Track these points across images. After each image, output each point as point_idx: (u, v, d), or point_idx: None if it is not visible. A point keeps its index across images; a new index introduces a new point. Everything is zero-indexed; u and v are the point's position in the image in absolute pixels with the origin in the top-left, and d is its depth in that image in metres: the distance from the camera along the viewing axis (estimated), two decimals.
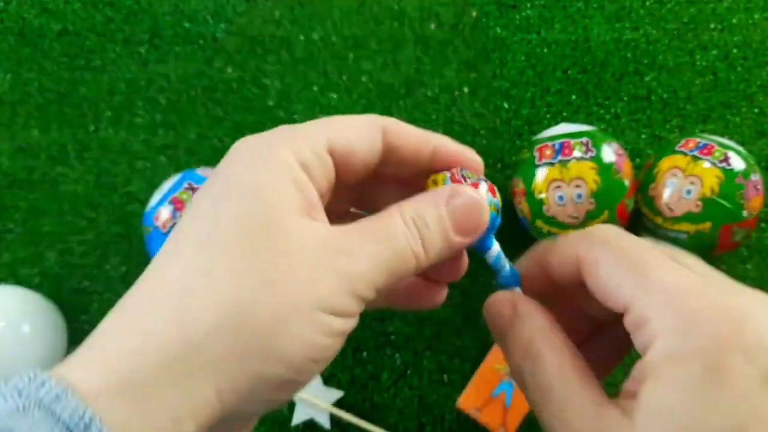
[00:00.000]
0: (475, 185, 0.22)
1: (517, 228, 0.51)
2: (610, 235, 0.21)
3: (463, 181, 0.22)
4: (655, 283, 0.18)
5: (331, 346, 0.19)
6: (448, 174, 0.22)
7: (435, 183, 0.22)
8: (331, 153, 0.21)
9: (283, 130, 0.21)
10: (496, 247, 0.23)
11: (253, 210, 0.18)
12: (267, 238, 0.18)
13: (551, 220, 0.47)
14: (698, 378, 0.16)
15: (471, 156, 0.24)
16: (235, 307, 0.17)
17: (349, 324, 0.19)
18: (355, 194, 0.25)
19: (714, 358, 0.16)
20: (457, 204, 0.21)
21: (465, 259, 0.24)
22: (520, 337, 0.21)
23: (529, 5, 0.60)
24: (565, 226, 0.47)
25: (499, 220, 0.23)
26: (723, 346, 0.16)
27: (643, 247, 0.20)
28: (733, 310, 0.17)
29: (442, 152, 0.23)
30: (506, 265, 0.23)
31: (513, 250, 0.25)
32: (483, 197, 0.21)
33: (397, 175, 0.24)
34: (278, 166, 0.19)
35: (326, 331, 0.18)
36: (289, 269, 0.18)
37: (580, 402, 0.19)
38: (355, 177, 0.22)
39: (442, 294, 0.25)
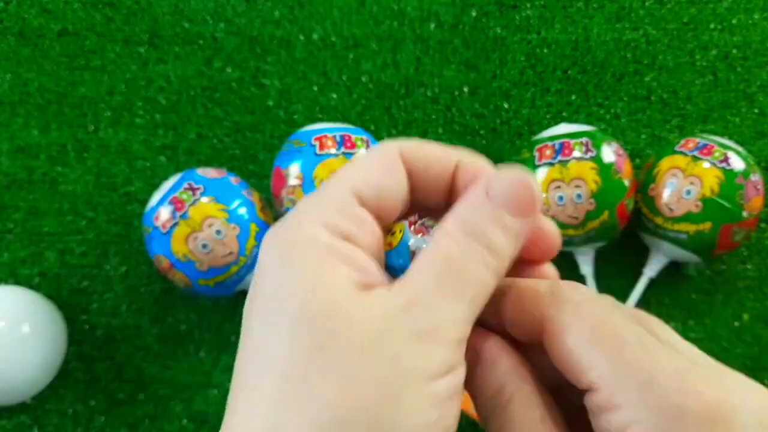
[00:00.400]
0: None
1: None
2: (583, 299, 0.18)
3: (425, 231, 0.20)
4: (631, 367, 0.16)
5: (451, 410, 0.17)
6: (405, 223, 0.20)
7: (392, 234, 0.20)
8: (363, 204, 0.19)
9: (306, 204, 0.19)
10: None
11: (302, 310, 0.17)
12: (327, 337, 0.16)
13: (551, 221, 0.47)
14: None
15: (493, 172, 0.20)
16: (325, 429, 0.15)
17: (458, 377, 0.17)
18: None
19: None
20: (500, 187, 0.18)
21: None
22: (487, 386, 0.19)
23: (529, 5, 0.60)
24: (565, 227, 0.47)
25: None
26: None
27: (620, 319, 0.18)
28: (717, 408, 0.16)
29: (466, 170, 0.20)
30: None
31: None
32: (524, 173, 0.19)
33: (430, 202, 0.21)
34: (312, 248, 0.17)
35: (436, 400, 0.16)
36: (363, 358, 0.16)
37: None
38: (391, 217, 0.20)
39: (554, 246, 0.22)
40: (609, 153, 0.47)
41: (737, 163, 0.46)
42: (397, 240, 0.20)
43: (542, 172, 0.47)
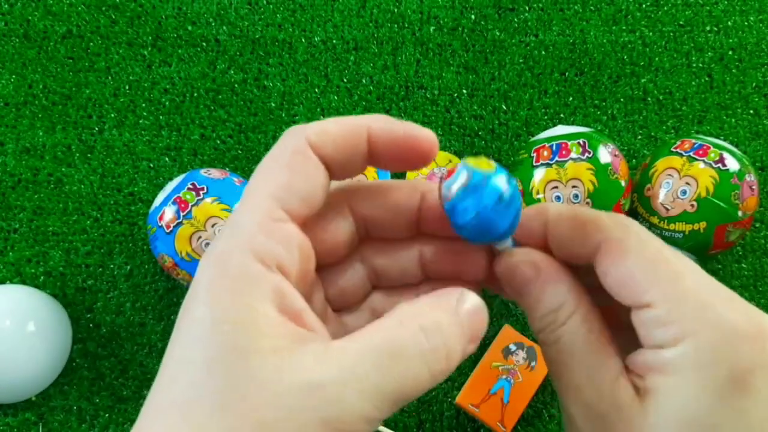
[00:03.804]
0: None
1: None
2: (641, 228, 0.20)
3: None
4: (689, 288, 0.18)
5: None
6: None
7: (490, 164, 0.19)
8: (291, 214, 0.18)
9: (235, 225, 0.18)
10: (509, 240, 0.21)
11: (219, 358, 0.16)
12: (233, 393, 0.16)
13: None
14: (723, 387, 0.17)
15: (420, 135, 0.20)
16: None
17: None
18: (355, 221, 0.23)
19: (742, 372, 0.17)
20: (468, 309, 0.19)
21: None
22: (548, 302, 0.20)
23: (527, 8, 0.60)
24: None
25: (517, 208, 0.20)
26: (752, 363, 0.17)
27: (671, 249, 0.19)
28: (762, 329, 0.18)
29: (381, 141, 0.20)
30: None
31: None
32: (481, 302, 0.19)
33: (346, 176, 0.21)
34: (242, 286, 0.17)
35: None
36: (259, 428, 0.15)
37: (599, 374, 0.19)
38: (314, 211, 0.20)
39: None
40: (605, 154, 0.47)
41: (732, 164, 0.47)
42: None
43: (540, 173, 0.48)
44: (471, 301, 0.19)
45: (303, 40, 0.59)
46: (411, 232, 0.22)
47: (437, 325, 0.18)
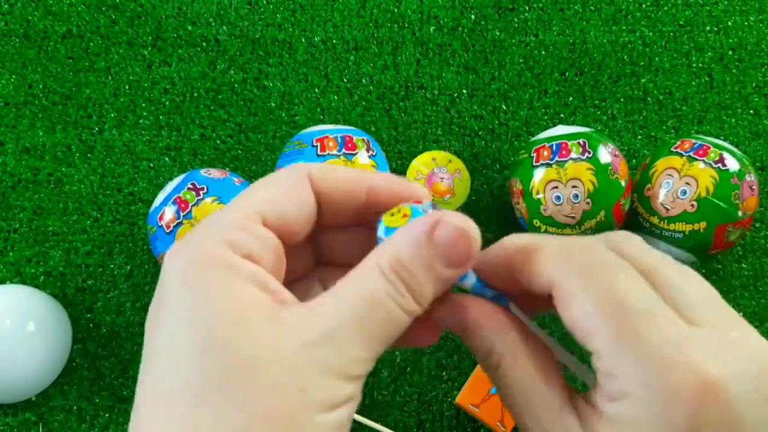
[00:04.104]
0: None
1: (516, 227, 0.52)
2: (594, 261, 0.19)
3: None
4: (631, 341, 0.17)
5: None
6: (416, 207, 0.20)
7: (404, 216, 0.19)
8: (266, 224, 0.19)
9: (210, 223, 0.19)
10: (471, 275, 0.21)
11: (211, 338, 0.17)
12: (236, 366, 0.16)
13: (548, 220, 0.48)
14: None
15: (416, 191, 0.21)
16: None
17: (353, 404, 0.18)
18: (314, 249, 0.24)
19: None
20: (443, 236, 0.18)
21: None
22: (479, 348, 0.20)
23: (527, 8, 0.60)
24: (562, 226, 0.48)
25: None
26: (692, 425, 0.16)
27: (627, 284, 0.18)
28: (713, 384, 0.16)
29: (379, 192, 0.21)
30: (486, 289, 0.21)
31: None
32: (469, 221, 0.19)
33: (342, 222, 0.22)
34: (217, 269, 0.18)
35: (332, 427, 0.17)
36: (271, 389, 0.16)
37: (539, 412, 0.19)
38: (297, 237, 0.21)
39: (439, 330, 0.23)
40: (605, 154, 0.47)
41: (732, 164, 0.47)
42: (407, 220, 0.19)
43: (540, 173, 0.48)
44: (445, 227, 0.18)
45: (303, 40, 0.59)
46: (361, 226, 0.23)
47: (404, 265, 0.18)
